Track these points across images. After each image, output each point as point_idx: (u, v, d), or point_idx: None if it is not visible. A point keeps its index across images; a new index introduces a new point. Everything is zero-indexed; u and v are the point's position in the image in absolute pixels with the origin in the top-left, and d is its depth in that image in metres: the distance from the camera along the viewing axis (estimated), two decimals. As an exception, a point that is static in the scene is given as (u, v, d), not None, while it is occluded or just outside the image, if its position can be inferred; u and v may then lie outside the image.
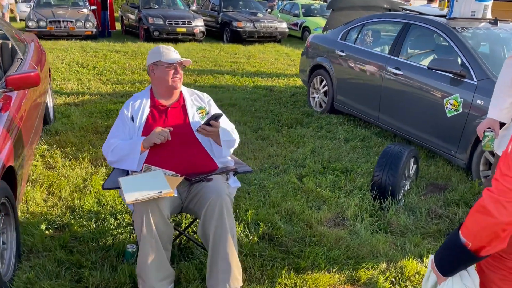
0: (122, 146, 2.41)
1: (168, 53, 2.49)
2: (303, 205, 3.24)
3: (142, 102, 2.54)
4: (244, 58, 10.43)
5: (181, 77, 2.55)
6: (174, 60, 2.47)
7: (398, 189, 3.39)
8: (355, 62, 5.23)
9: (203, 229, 2.25)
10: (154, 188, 2.13)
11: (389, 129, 4.72)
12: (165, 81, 2.50)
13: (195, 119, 2.56)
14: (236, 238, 2.27)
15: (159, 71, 2.51)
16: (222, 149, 2.47)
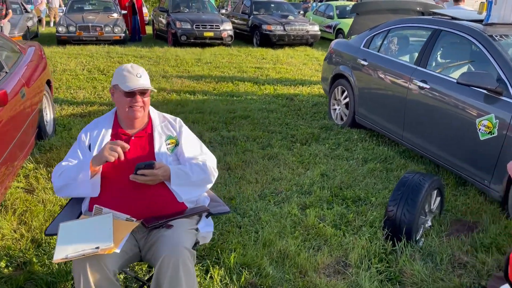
0: (70, 168, 2.07)
1: (127, 78, 2.11)
2: (300, 245, 2.79)
3: (102, 129, 2.19)
4: (270, 63, 10.02)
5: (145, 104, 2.16)
6: (132, 88, 2.08)
7: (416, 228, 2.87)
8: (378, 72, 4.69)
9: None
10: (93, 240, 1.76)
11: (414, 150, 4.16)
12: (121, 109, 2.14)
13: (162, 151, 2.17)
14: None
15: (117, 96, 2.14)
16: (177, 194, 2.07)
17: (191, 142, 2.26)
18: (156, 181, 2.01)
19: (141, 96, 2.12)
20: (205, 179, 2.17)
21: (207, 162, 2.22)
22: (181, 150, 2.20)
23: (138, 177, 1.96)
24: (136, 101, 2.10)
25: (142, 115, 2.16)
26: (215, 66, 9.36)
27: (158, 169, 1.99)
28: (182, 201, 2.10)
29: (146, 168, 1.95)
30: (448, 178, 3.87)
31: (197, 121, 5.26)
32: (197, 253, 2.67)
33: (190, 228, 2.05)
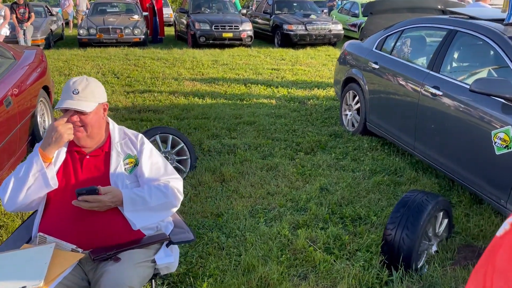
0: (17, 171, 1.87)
1: (64, 93, 1.88)
2: (284, 272, 2.53)
3: None
4: (288, 65, 9.73)
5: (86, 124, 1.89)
6: (60, 106, 1.86)
7: (416, 255, 2.56)
8: (389, 76, 4.35)
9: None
10: (22, 277, 1.57)
11: (426, 162, 3.81)
12: None
13: (118, 171, 1.97)
14: None
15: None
16: (131, 221, 1.85)
17: (153, 161, 2.04)
18: (104, 208, 1.80)
19: (79, 114, 1.89)
20: (166, 204, 1.95)
21: (171, 183, 2.00)
22: (141, 170, 1.99)
23: (81, 203, 1.76)
24: (72, 120, 1.87)
25: (86, 136, 1.93)
26: (230, 68, 9.16)
27: (105, 194, 1.78)
28: (137, 229, 1.89)
29: (88, 194, 1.75)
30: (463, 194, 3.51)
31: (200, 127, 5.06)
32: (169, 280, 2.46)
33: (143, 261, 1.84)
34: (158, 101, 6.34)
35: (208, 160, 4.10)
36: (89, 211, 1.84)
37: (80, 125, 1.89)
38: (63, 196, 1.87)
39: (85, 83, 1.91)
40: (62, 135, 1.80)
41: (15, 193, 1.86)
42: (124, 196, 1.83)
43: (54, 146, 1.83)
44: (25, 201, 1.87)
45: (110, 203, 1.80)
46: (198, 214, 3.17)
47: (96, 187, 1.75)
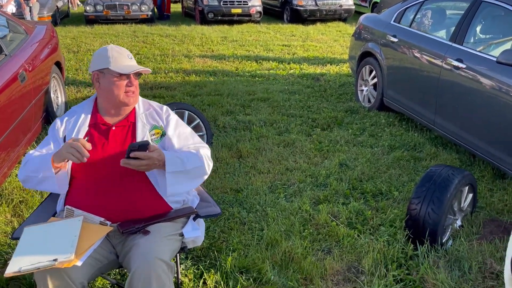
0: (33, 160, 1.85)
1: (118, 59, 1.88)
2: (307, 247, 2.50)
3: (80, 118, 1.96)
4: (299, 41, 9.57)
5: (137, 89, 1.94)
6: (128, 70, 1.85)
7: (442, 230, 2.52)
8: (408, 50, 4.24)
9: (128, 304, 1.65)
10: (53, 251, 1.54)
11: (447, 137, 3.73)
12: (114, 95, 1.90)
13: (145, 144, 1.93)
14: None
15: (106, 82, 1.90)
16: (167, 184, 1.81)
17: (181, 131, 2.01)
18: (152, 166, 1.76)
19: (135, 79, 1.93)
20: (200, 168, 1.91)
21: (201, 150, 1.96)
22: (169, 141, 1.96)
23: (131, 161, 1.71)
24: (132, 84, 1.90)
25: (133, 103, 1.94)
26: (240, 44, 9.02)
27: (153, 151, 1.74)
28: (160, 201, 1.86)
29: (141, 150, 1.70)
30: (485, 169, 3.45)
31: (214, 103, 5.00)
32: (193, 254, 2.45)
33: (171, 234, 1.81)
34: (169, 78, 6.26)
35: (224, 137, 4.05)
36: (117, 184, 1.81)
37: (134, 90, 1.92)
38: (90, 169, 1.83)
39: (128, 51, 1.92)
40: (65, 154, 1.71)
41: (27, 180, 1.86)
42: (166, 155, 1.80)
43: (61, 161, 1.77)
44: (37, 189, 1.89)
45: (157, 161, 1.76)
46: (218, 189, 3.14)
47: (148, 141, 1.72)
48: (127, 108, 1.96)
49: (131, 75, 1.89)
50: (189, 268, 2.33)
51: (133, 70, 1.87)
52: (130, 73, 1.88)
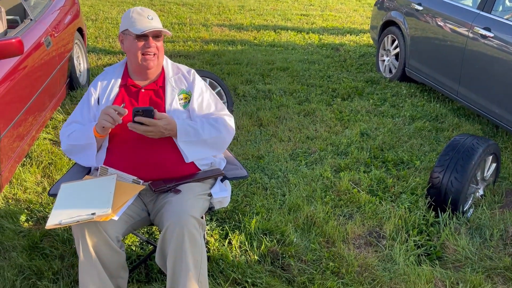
0: (79, 131, 1.91)
1: (138, 20, 1.88)
2: (329, 212, 2.55)
3: (111, 80, 1.99)
4: (318, 10, 9.39)
5: (159, 51, 1.94)
6: (144, 29, 1.85)
7: (464, 198, 2.54)
8: (433, 18, 4.15)
9: (161, 259, 1.72)
10: (91, 205, 1.61)
11: (470, 107, 3.69)
12: (134, 57, 1.92)
13: (174, 107, 1.96)
14: (204, 274, 1.70)
15: (128, 43, 1.92)
16: (183, 152, 1.86)
17: (204, 97, 2.02)
18: (158, 134, 1.79)
19: (154, 40, 1.89)
20: (219, 138, 1.95)
21: (221, 118, 1.98)
22: (192, 105, 1.98)
23: (136, 125, 1.75)
24: (150, 45, 1.87)
25: (156, 65, 1.94)
26: (258, 13, 8.90)
27: (160, 119, 1.77)
28: (190, 162, 1.90)
29: (145, 115, 1.73)
30: (508, 140, 3.42)
31: (233, 72, 4.99)
32: (217, 216, 2.52)
33: (201, 194, 1.86)
34: (188, 46, 6.24)
35: (244, 105, 4.07)
36: (148, 145, 1.85)
37: (155, 52, 1.89)
38: (122, 130, 1.87)
39: (152, 12, 1.92)
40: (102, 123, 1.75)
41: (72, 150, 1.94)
42: (178, 125, 1.83)
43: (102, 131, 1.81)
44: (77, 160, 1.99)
45: (163, 129, 1.78)
46: (240, 156, 3.18)
47: (152, 108, 1.74)
48: (151, 71, 1.95)
49: (150, 37, 1.87)
50: (214, 229, 2.40)
51: (146, 30, 1.83)
52: (143, 32, 1.84)
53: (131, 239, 2.31)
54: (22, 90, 2.83)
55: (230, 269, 2.12)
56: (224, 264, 2.14)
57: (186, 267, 1.64)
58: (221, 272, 2.11)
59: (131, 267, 2.14)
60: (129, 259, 2.20)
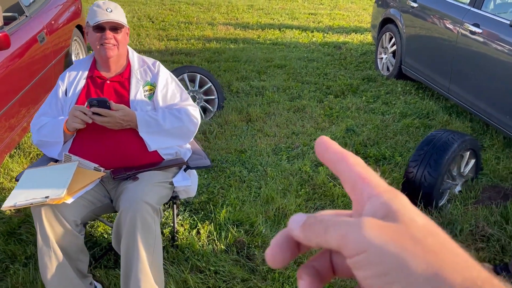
0: (50, 128, 1.99)
1: (97, 12, 1.95)
2: (301, 205, 2.57)
3: (79, 72, 2.07)
4: (327, 9, 9.37)
5: (119, 42, 1.99)
6: (99, 21, 1.91)
7: (437, 193, 2.53)
8: (428, 15, 4.12)
9: (116, 242, 1.78)
10: (46, 189, 1.69)
11: (460, 105, 3.66)
12: (94, 47, 1.99)
13: (138, 98, 2.02)
14: (158, 259, 1.76)
15: (89, 35, 2.00)
16: (145, 142, 1.92)
17: (170, 88, 2.08)
18: (117, 125, 1.86)
19: (112, 32, 1.96)
20: (182, 128, 2.00)
21: (184, 109, 2.03)
22: (156, 96, 2.04)
23: (94, 116, 1.82)
24: (106, 37, 1.94)
25: (116, 55, 2.00)
26: (266, 12, 8.94)
27: (117, 110, 1.83)
28: (152, 151, 1.96)
29: (100, 106, 1.80)
30: (496, 138, 3.38)
31: (230, 69, 5.05)
32: (191, 207, 2.57)
33: (161, 182, 1.92)
34: (190, 44, 6.33)
35: (235, 101, 4.12)
36: (112, 134, 1.92)
37: (114, 44, 1.94)
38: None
39: (114, 5, 1.98)
40: (73, 125, 1.84)
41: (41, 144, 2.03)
42: (138, 117, 1.89)
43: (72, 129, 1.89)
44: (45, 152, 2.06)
45: (121, 120, 1.85)
46: (223, 150, 3.23)
47: (106, 99, 1.81)
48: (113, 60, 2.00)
49: (107, 29, 1.93)
50: (186, 219, 2.46)
51: (100, 21, 1.90)
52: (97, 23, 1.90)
53: (105, 226, 2.39)
54: (12, 82, 2.95)
55: (195, 257, 2.17)
56: (189, 253, 2.20)
57: (138, 251, 1.70)
58: (186, 260, 2.17)
59: (101, 254, 2.22)
60: (100, 245, 2.27)
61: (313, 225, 0.31)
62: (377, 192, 0.31)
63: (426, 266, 0.26)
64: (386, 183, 0.32)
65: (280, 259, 0.33)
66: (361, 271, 0.28)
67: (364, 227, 0.28)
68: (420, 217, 0.29)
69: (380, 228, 0.28)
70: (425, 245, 0.27)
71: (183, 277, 2.05)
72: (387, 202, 0.30)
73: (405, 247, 0.27)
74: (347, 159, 0.33)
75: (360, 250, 0.28)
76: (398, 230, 0.28)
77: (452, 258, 0.27)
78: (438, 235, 0.28)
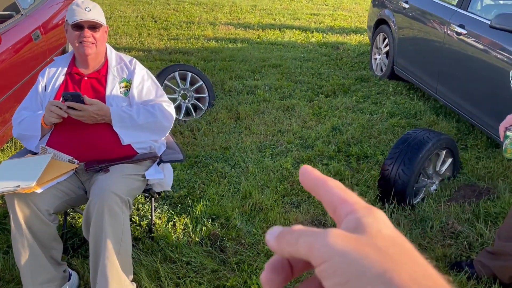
0: (28, 121, 2.08)
1: (76, 11, 2.03)
2: (278, 200, 2.64)
3: (59, 68, 2.16)
4: (330, 10, 9.41)
5: (97, 40, 2.08)
6: (77, 19, 2.00)
7: (411, 190, 2.57)
8: (418, 15, 4.15)
9: (86, 232, 1.87)
10: (18, 179, 1.77)
11: (447, 105, 3.69)
12: (73, 45, 2.08)
13: (114, 94, 2.11)
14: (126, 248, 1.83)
15: (68, 33, 2.09)
16: (119, 136, 2.00)
17: (145, 85, 2.16)
18: (90, 119, 1.93)
19: (91, 30, 2.04)
20: (155, 123, 2.08)
21: (159, 104, 2.11)
22: (132, 92, 2.12)
23: (68, 110, 1.90)
24: (85, 35, 2.02)
25: (95, 53, 2.08)
26: (268, 13, 9.01)
27: (91, 105, 1.91)
28: (126, 145, 2.04)
29: (74, 100, 1.88)
30: (480, 138, 3.40)
31: (225, 68, 5.12)
32: (171, 200, 2.65)
33: (132, 174, 2.00)
34: (190, 44, 6.43)
35: (226, 99, 4.19)
36: (86, 128, 2.00)
37: (92, 42, 2.02)
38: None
39: (93, 4, 2.06)
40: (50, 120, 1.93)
41: (21, 137, 2.09)
42: (111, 112, 1.97)
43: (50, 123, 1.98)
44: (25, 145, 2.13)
45: (94, 115, 1.93)
46: (208, 147, 3.31)
47: (79, 93, 1.89)
48: (91, 58, 2.08)
49: (85, 27, 2.01)
50: (164, 212, 2.54)
51: (78, 20, 1.98)
52: (75, 22, 1.98)
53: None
54: (5, 78, 3.06)
55: (169, 248, 2.25)
56: (163, 244, 2.27)
57: (106, 240, 1.77)
58: (160, 251, 2.24)
59: (79, 244, 2.30)
60: (79, 236, 2.36)
61: (286, 235, 0.33)
62: (353, 209, 0.32)
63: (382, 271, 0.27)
64: (364, 201, 0.33)
65: (275, 282, 0.34)
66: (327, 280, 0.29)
67: (329, 236, 0.29)
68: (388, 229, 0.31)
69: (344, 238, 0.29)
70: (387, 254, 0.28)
71: (155, 267, 2.12)
72: (359, 217, 0.31)
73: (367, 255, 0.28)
74: (327, 183, 0.35)
75: (324, 258, 0.29)
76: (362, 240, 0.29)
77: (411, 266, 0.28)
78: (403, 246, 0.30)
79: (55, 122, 1.97)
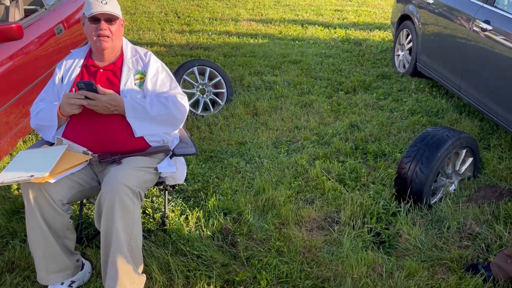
0: (45, 112, 2.13)
1: (92, 4, 2.05)
2: (291, 196, 2.62)
3: (75, 60, 2.20)
4: (354, 6, 9.28)
5: (113, 33, 2.09)
6: (93, 12, 2.02)
7: (428, 190, 2.51)
8: (442, 11, 4.04)
9: (98, 222, 1.89)
10: (33, 169, 1.81)
11: (471, 103, 3.57)
12: (90, 38, 2.10)
13: (128, 87, 2.13)
14: (136, 240, 1.85)
15: (85, 26, 2.11)
16: (132, 127, 2.01)
17: (159, 77, 2.17)
18: (104, 108, 1.95)
19: (107, 23, 2.06)
20: (168, 115, 2.09)
21: (172, 97, 2.12)
22: (146, 84, 2.13)
23: (82, 100, 1.93)
24: (101, 28, 2.04)
25: (111, 47, 2.10)
26: (291, 9, 8.95)
27: (104, 95, 1.94)
28: (138, 138, 2.06)
29: (87, 88, 1.90)
30: (504, 138, 3.29)
31: (245, 64, 5.12)
32: (184, 194, 2.66)
33: (144, 167, 2.01)
34: (211, 39, 6.44)
35: (244, 95, 4.18)
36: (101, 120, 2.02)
37: (108, 35, 2.04)
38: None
39: None
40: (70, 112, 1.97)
41: (39, 128, 2.14)
42: (125, 102, 1.99)
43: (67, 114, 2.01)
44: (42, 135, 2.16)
45: (108, 104, 1.94)
46: (224, 141, 3.31)
47: (93, 82, 1.91)
48: (107, 52, 2.11)
49: (102, 20, 2.03)
50: (177, 205, 2.55)
51: (95, 12, 1.99)
52: (91, 14, 2.00)
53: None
54: (28, 70, 3.13)
55: (180, 241, 2.26)
56: (175, 237, 2.29)
57: (116, 231, 1.80)
58: (171, 243, 2.26)
59: (94, 234, 2.34)
60: (93, 226, 2.40)
61: None
62: None
63: None
64: None
65: None
66: None
67: None
68: None
69: None
70: None
71: (166, 259, 2.14)
72: None
73: None
74: None
75: None
76: None
77: None
78: None
79: (75, 113, 2.00)
